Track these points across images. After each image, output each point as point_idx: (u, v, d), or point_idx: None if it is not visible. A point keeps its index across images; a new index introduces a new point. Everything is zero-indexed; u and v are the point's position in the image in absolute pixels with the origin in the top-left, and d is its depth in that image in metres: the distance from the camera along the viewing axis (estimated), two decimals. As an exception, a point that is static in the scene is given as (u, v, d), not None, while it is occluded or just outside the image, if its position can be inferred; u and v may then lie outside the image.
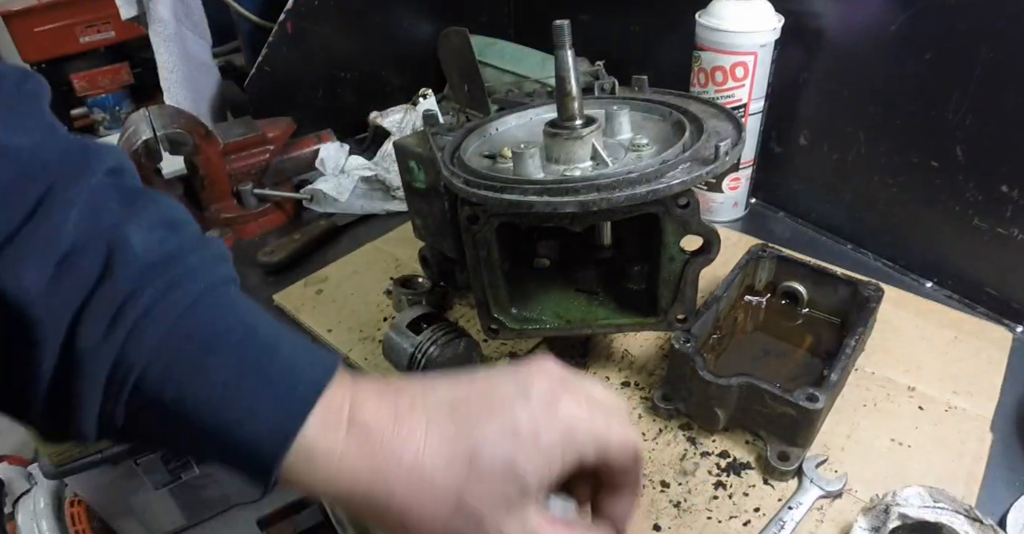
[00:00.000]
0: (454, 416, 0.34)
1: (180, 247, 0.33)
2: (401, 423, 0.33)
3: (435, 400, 0.35)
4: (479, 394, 0.35)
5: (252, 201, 0.96)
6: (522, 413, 0.34)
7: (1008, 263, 0.72)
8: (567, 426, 0.35)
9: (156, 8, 1.01)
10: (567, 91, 0.54)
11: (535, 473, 0.34)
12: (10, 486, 1.45)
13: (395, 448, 0.32)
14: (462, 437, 0.33)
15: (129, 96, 2.46)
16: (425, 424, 0.33)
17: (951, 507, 0.49)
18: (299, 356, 0.34)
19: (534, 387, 0.36)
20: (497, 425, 0.34)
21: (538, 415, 0.34)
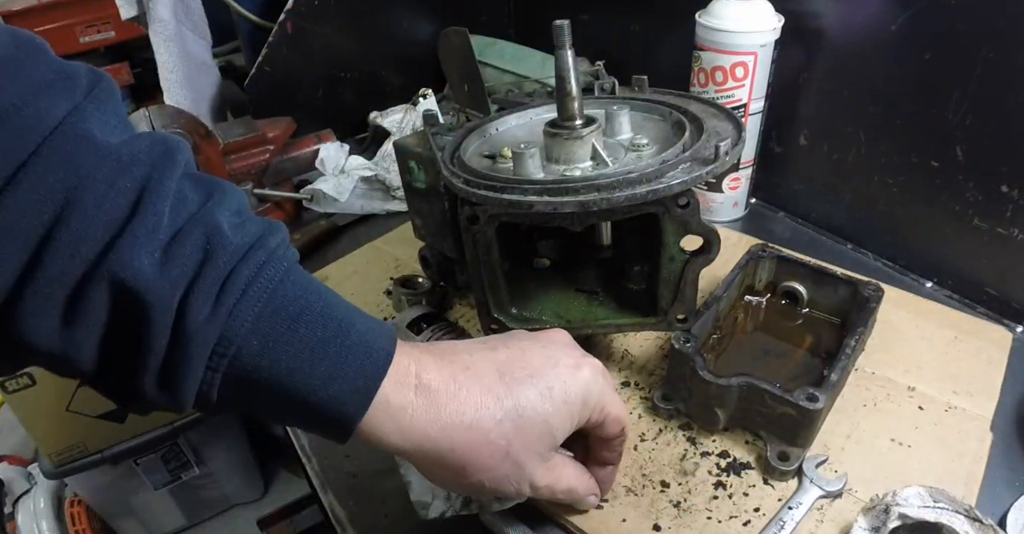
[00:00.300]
0: (503, 379, 0.40)
1: (260, 231, 0.36)
2: (460, 385, 0.39)
3: (484, 366, 0.41)
4: (519, 361, 0.42)
5: (252, 201, 0.96)
6: (555, 379, 0.42)
7: (1008, 263, 0.72)
8: (586, 389, 0.42)
9: (156, 8, 1.01)
10: (567, 91, 0.54)
11: (560, 427, 0.42)
12: (10, 486, 1.45)
13: (457, 407, 0.38)
14: (510, 398, 0.40)
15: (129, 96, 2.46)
16: (479, 387, 0.39)
17: (951, 507, 0.49)
18: (369, 327, 0.38)
19: (561, 355, 0.43)
20: (536, 389, 0.41)
21: (566, 380, 0.42)
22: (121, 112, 0.36)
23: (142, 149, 0.34)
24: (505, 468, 0.40)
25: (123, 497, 1.46)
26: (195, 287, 0.32)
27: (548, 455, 0.42)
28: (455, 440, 0.38)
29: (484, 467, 0.40)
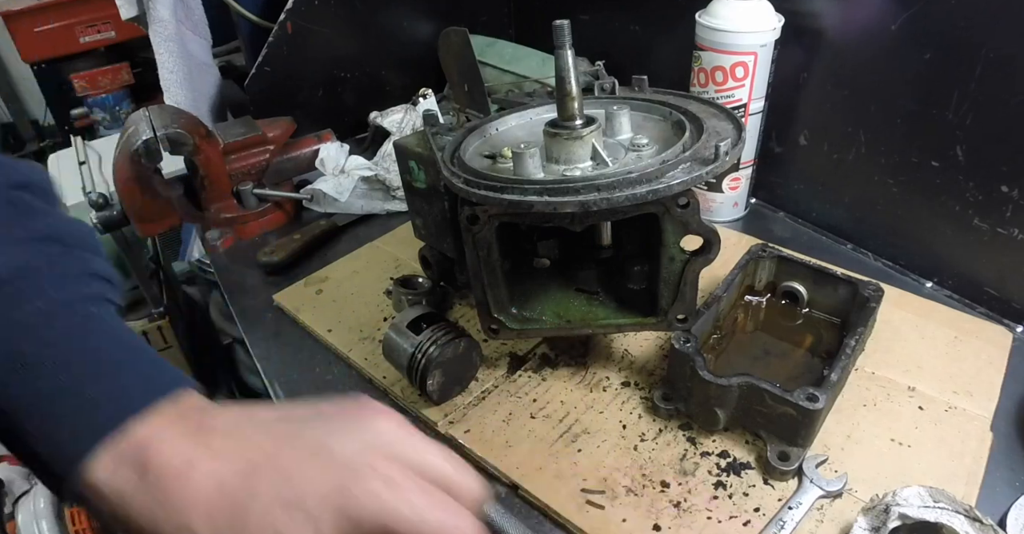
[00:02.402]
0: (250, 476, 0.33)
1: (38, 263, 0.35)
2: (189, 470, 0.32)
3: (240, 452, 0.33)
4: (288, 452, 0.34)
5: (252, 201, 0.96)
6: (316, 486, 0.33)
7: (1008, 263, 0.72)
8: (355, 507, 0.32)
9: (156, 8, 1.01)
10: (567, 91, 0.54)
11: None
12: (10, 486, 1.44)
13: (171, 495, 0.32)
14: (240, 502, 0.32)
15: (129, 96, 2.46)
16: (213, 479, 0.32)
17: (951, 507, 0.49)
18: (111, 390, 0.34)
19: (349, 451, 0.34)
20: (285, 494, 0.32)
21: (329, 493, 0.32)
22: None
23: None
24: None
25: (123, 497, 1.46)
26: None
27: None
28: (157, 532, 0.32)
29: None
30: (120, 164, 0.85)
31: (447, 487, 0.35)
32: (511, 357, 0.71)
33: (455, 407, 0.66)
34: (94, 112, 2.43)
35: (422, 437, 0.37)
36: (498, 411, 0.65)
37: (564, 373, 0.69)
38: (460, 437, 0.62)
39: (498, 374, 0.69)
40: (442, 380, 0.64)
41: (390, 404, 0.68)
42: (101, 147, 1.47)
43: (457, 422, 0.64)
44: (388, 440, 0.35)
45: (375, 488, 0.33)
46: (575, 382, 0.68)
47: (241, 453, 0.33)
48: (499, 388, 0.67)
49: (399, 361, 0.64)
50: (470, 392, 0.67)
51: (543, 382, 0.68)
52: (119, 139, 0.87)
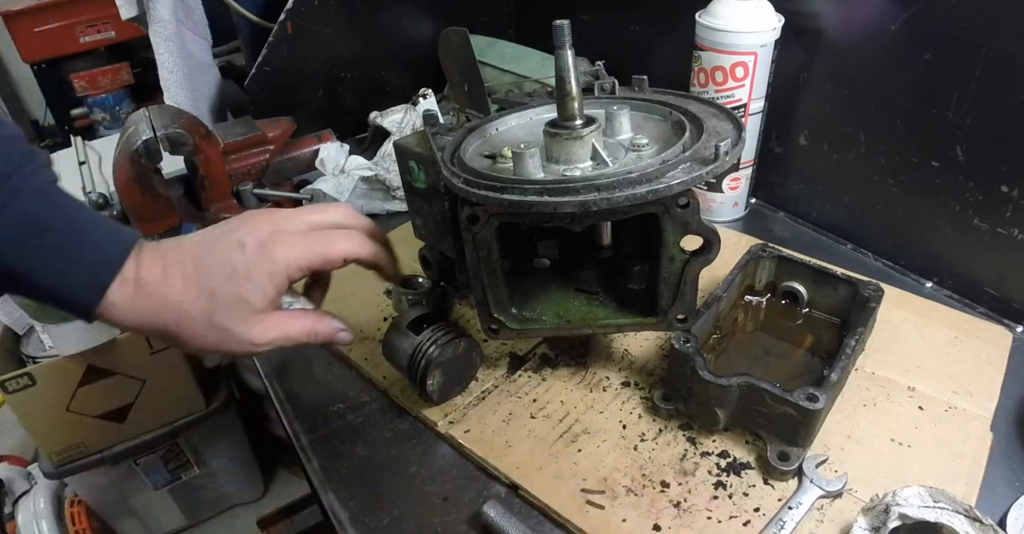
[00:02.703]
0: (198, 269, 0.49)
1: (20, 160, 0.45)
2: (165, 278, 0.48)
3: (187, 260, 0.50)
4: (213, 251, 0.51)
5: (252, 201, 0.96)
6: (239, 260, 0.50)
7: (1008, 263, 0.72)
8: (271, 263, 0.50)
9: (156, 8, 1.01)
10: (567, 91, 0.54)
11: (254, 297, 0.50)
12: (10, 486, 1.45)
13: (164, 294, 0.48)
14: (204, 282, 0.49)
15: (129, 96, 2.46)
16: (181, 276, 0.49)
17: (951, 507, 0.49)
18: (105, 237, 0.48)
19: (247, 237, 0.51)
20: (222, 271, 0.50)
21: (249, 260, 0.50)
22: None
23: None
24: (215, 335, 0.50)
25: (123, 497, 1.46)
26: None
27: (253, 319, 0.51)
28: (167, 319, 0.48)
29: (195, 336, 0.49)
30: (120, 164, 0.85)
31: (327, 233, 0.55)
32: (511, 357, 0.71)
33: (455, 407, 0.66)
34: (94, 112, 2.43)
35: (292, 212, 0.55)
36: (498, 411, 0.65)
37: (564, 373, 0.69)
38: (460, 437, 0.62)
39: (498, 374, 0.69)
40: (442, 380, 0.64)
41: (390, 404, 0.68)
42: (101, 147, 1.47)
43: (457, 422, 0.64)
44: (268, 227, 0.52)
45: (280, 249, 0.51)
46: (575, 382, 0.68)
47: (189, 258, 0.50)
48: (499, 388, 0.67)
49: (399, 361, 0.64)
50: (470, 392, 0.67)
51: (543, 382, 0.68)
52: (119, 139, 0.87)
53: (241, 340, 0.51)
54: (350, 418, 0.67)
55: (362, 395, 0.69)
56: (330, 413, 0.68)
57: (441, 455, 0.63)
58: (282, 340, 0.53)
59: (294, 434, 0.67)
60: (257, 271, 0.50)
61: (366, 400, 0.69)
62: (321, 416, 0.68)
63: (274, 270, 0.51)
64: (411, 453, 0.63)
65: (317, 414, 0.68)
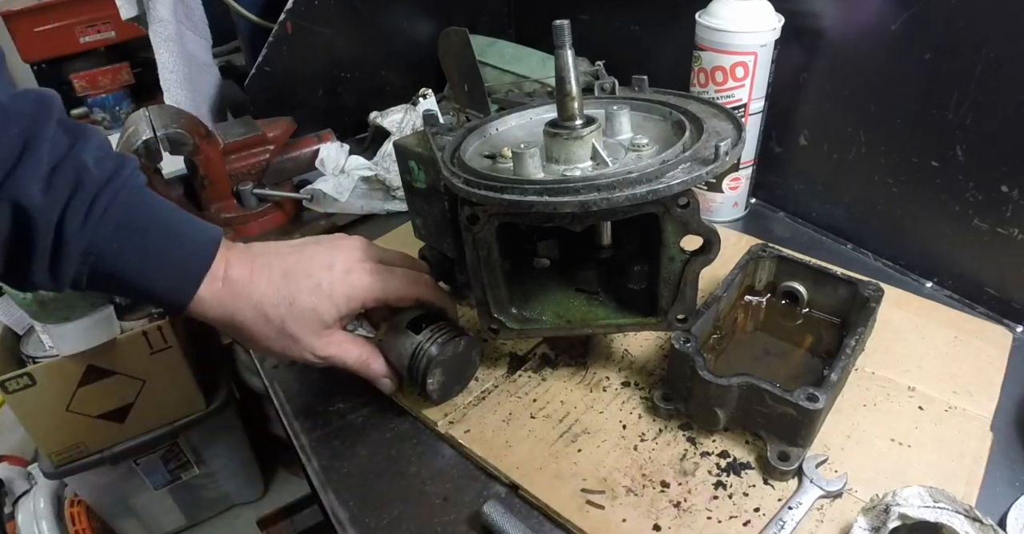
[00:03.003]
0: (286, 277, 0.55)
1: (115, 166, 0.48)
2: (252, 279, 0.53)
3: (275, 265, 0.55)
4: (302, 263, 0.56)
5: (252, 201, 0.96)
6: (325, 278, 0.56)
7: (1008, 263, 0.72)
8: (350, 288, 0.57)
9: (156, 8, 1.01)
10: (567, 91, 0.54)
11: (328, 314, 0.56)
12: (10, 486, 1.45)
13: (248, 293, 0.53)
14: (286, 290, 0.54)
15: (129, 96, 2.46)
16: (267, 281, 0.54)
17: (951, 507, 0.49)
18: (198, 236, 0.52)
19: (337, 260, 0.57)
20: (307, 284, 0.55)
21: (334, 280, 0.56)
22: (5, 74, 0.48)
23: (25, 105, 0.45)
24: (283, 340, 0.55)
25: (123, 497, 1.46)
26: (69, 207, 0.45)
27: (321, 333, 0.56)
28: (245, 317, 0.53)
29: (266, 337, 0.55)
30: (120, 164, 0.85)
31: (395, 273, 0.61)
32: (511, 357, 0.71)
33: (455, 407, 0.66)
34: (94, 112, 2.43)
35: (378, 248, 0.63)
36: (498, 411, 0.65)
37: (564, 373, 0.69)
38: (460, 437, 0.62)
39: (498, 374, 0.69)
40: (442, 379, 0.63)
41: (390, 404, 0.68)
42: (101, 147, 1.47)
43: (457, 422, 0.64)
44: (359, 253, 0.60)
45: (365, 277, 0.58)
46: (575, 382, 0.68)
47: (278, 265, 0.55)
48: (499, 388, 0.67)
49: (398, 361, 0.64)
50: (470, 392, 0.67)
51: (543, 382, 0.68)
52: (119, 139, 0.87)
53: (304, 349, 0.56)
54: (350, 418, 0.67)
55: (362, 395, 0.69)
56: (330, 413, 0.68)
57: (441, 455, 0.63)
58: (338, 359, 0.58)
59: (294, 434, 0.67)
60: (338, 292, 0.56)
61: (366, 400, 0.69)
62: (321, 416, 0.68)
63: (353, 295, 0.56)
64: (411, 453, 0.63)
65: (317, 414, 0.68)
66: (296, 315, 0.54)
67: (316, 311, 0.55)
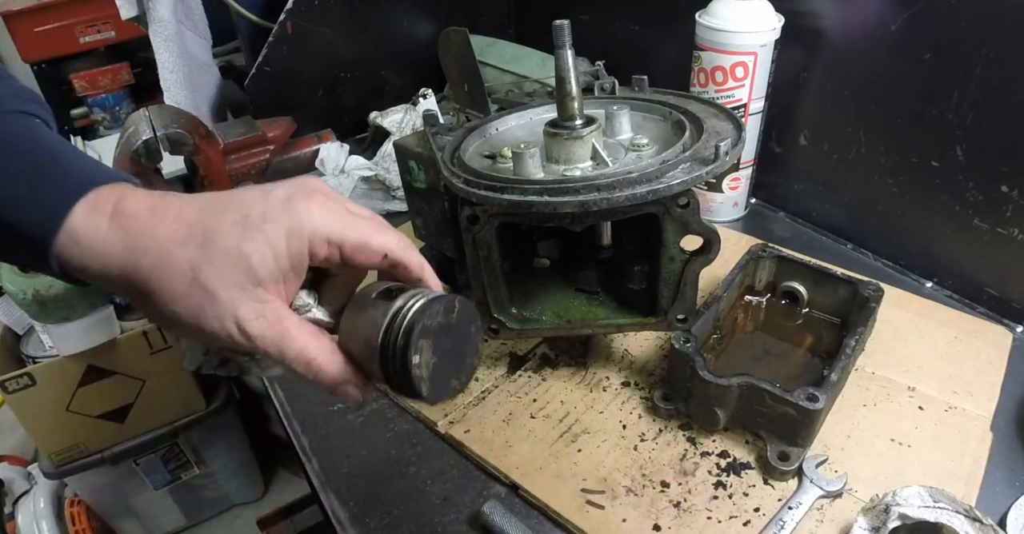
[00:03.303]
0: (201, 209, 0.38)
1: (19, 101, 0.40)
2: (155, 214, 0.38)
3: (192, 200, 0.39)
4: (229, 195, 0.40)
5: (252, 201, 0.96)
6: (256, 207, 0.38)
7: (1008, 263, 0.72)
8: (295, 219, 0.38)
9: (156, 8, 1.01)
10: (567, 91, 0.54)
11: (257, 255, 0.37)
12: (10, 486, 1.45)
13: (145, 229, 0.37)
14: (200, 223, 0.38)
15: (129, 96, 2.46)
16: (175, 216, 0.38)
17: (951, 507, 0.49)
18: (85, 166, 0.39)
19: (277, 188, 0.40)
20: (231, 216, 0.38)
21: (269, 209, 0.38)
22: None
23: None
24: (195, 296, 0.37)
25: (123, 497, 1.46)
26: None
27: (251, 292, 0.38)
28: (140, 262, 0.37)
29: (172, 293, 0.37)
30: (120, 164, 0.85)
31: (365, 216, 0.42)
32: (511, 357, 0.71)
33: (455, 407, 0.66)
34: (94, 112, 2.43)
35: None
36: (498, 411, 0.65)
37: (564, 373, 0.69)
38: (460, 437, 0.62)
39: (498, 374, 0.69)
40: (432, 359, 0.40)
41: (390, 404, 0.68)
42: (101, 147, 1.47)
43: (457, 422, 0.64)
44: (315, 187, 0.41)
45: (314, 207, 0.39)
46: (575, 382, 0.68)
47: (195, 201, 0.39)
48: (499, 388, 0.67)
49: (367, 349, 0.41)
50: (470, 392, 0.67)
51: (543, 382, 0.68)
52: (119, 139, 0.87)
53: (223, 314, 0.38)
54: (350, 418, 0.67)
55: (362, 395, 0.69)
56: (330, 413, 0.68)
57: (441, 455, 0.63)
58: (272, 345, 0.39)
59: (294, 434, 0.67)
60: (274, 224, 0.38)
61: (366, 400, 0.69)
62: (321, 416, 0.68)
63: (296, 229, 0.38)
64: (411, 453, 0.63)
65: (317, 414, 0.68)
66: (213, 258, 0.37)
67: (241, 252, 0.37)
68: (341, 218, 0.40)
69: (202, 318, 0.38)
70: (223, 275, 0.37)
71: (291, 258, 0.38)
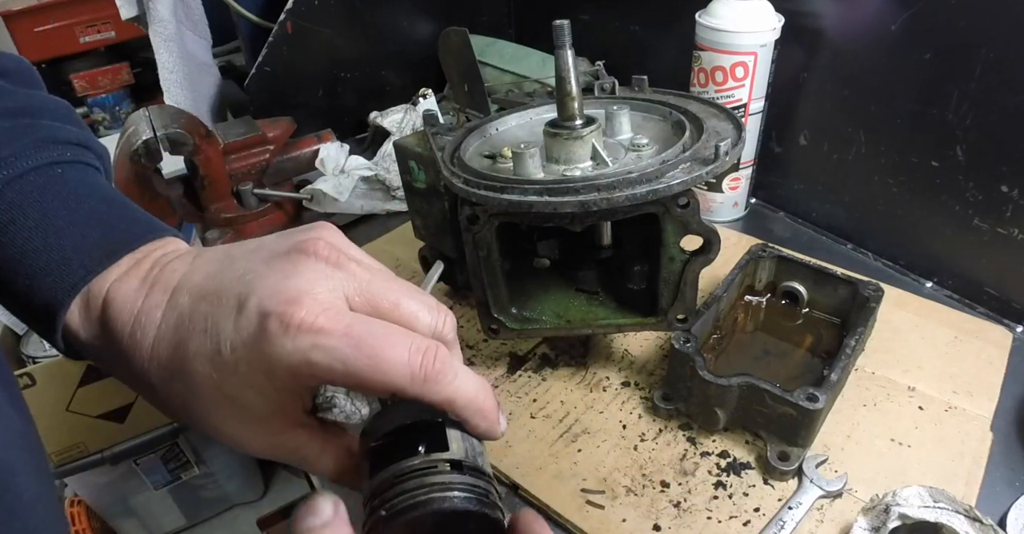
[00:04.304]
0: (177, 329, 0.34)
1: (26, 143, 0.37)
2: (134, 333, 0.34)
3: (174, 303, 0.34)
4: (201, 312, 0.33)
5: (252, 201, 0.96)
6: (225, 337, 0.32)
7: (1008, 263, 0.72)
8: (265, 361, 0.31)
9: (156, 8, 1.01)
10: (567, 91, 0.54)
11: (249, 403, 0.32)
12: (10, 486, 1.44)
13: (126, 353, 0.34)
14: (175, 359, 0.33)
15: (129, 96, 2.46)
16: (151, 342, 0.34)
17: (951, 507, 0.49)
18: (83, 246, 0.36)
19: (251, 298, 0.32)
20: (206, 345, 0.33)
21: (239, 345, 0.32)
22: None
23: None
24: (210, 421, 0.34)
25: (123, 497, 1.46)
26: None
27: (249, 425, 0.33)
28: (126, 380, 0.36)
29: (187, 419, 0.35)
30: (120, 164, 0.85)
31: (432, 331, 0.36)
32: (511, 357, 0.71)
33: (455, 407, 0.65)
34: (94, 112, 2.43)
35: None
36: (498, 411, 0.65)
37: (564, 373, 0.69)
38: (460, 437, 0.62)
39: (498, 374, 0.69)
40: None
41: (390, 404, 0.68)
42: (101, 147, 1.47)
43: (457, 422, 0.64)
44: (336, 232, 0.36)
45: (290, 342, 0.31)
46: (575, 382, 0.68)
47: (175, 309, 0.34)
48: (499, 388, 0.67)
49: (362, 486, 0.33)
50: (470, 392, 0.67)
51: (543, 382, 0.68)
52: (119, 139, 0.87)
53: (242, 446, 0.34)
54: (350, 418, 0.67)
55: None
56: (330, 413, 0.68)
57: (441, 455, 0.63)
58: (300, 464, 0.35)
59: (294, 434, 0.67)
60: (246, 365, 0.31)
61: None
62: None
63: (270, 371, 0.31)
64: (411, 453, 0.63)
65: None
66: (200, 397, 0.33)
67: (225, 394, 0.32)
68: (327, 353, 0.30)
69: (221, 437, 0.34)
70: (217, 414, 0.33)
71: (283, 397, 0.33)
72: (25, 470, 0.32)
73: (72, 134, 0.40)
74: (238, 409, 0.33)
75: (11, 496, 0.30)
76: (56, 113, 0.41)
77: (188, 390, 0.33)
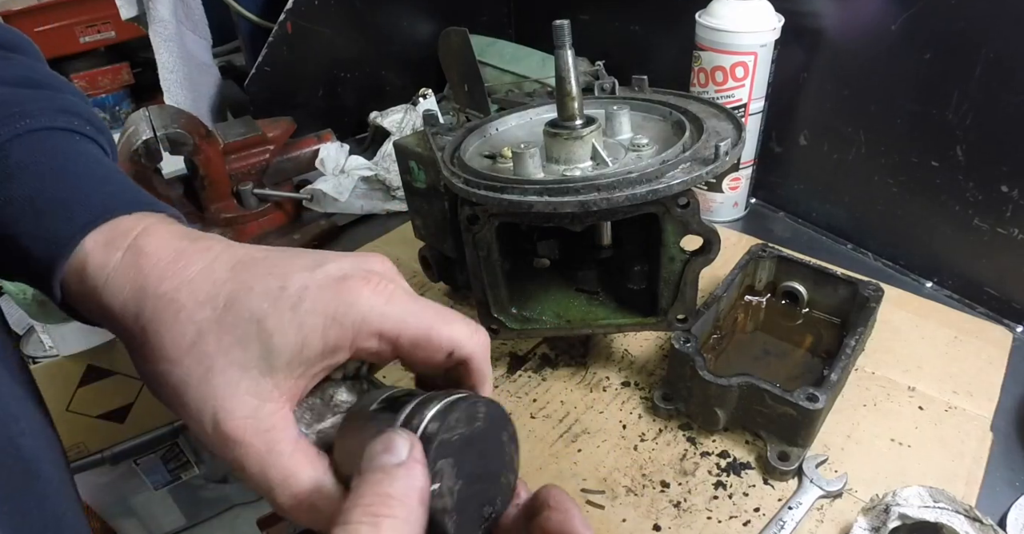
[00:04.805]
0: (234, 267, 0.32)
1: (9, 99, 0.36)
2: (180, 258, 0.32)
3: (231, 250, 0.33)
4: (274, 256, 0.33)
5: (252, 201, 0.96)
6: (297, 279, 0.31)
7: (1008, 263, 0.72)
8: (342, 303, 0.31)
9: (156, 8, 1.01)
10: (567, 91, 0.54)
11: (283, 344, 0.30)
12: (10, 486, 1.44)
13: (163, 274, 0.32)
14: (226, 284, 0.31)
15: (129, 96, 2.46)
16: (204, 265, 0.32)
17: (951, 507, 0.49)
18: (107, 192, 0.35)
19: (330, 262, 0.33)
20: (266, 282, 0.31)
21: (313, 285, 0.31)
22: None
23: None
24: (186, 365, 0.30)
25: (123, 497, 1.46)
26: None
27: (254, 375, 0.30)
28: (144, 309, 0.31)
29: (163, 352, 0.31)
30: (120, 164, 0.85)
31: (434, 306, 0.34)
32: (511, 357, 0.71)
33: (455, 407, 0.65)
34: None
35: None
36: (498, 411, 0.65)
37: (564, 373, 0.69)
38: (460, 437, 0.62)
39: (498, 374, 0.69)
40: (456, 484, 0.29)
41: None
42: (101, 147, 1.47)
43: (457, 422, 0.64)
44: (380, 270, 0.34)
45: (367, 292, 0.31)
46: (575, 382, 0.68)
47: (232, 253, 0.33)
48: (499, 388, 0.67)
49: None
50: (470, 392, 0.67)
51: (543, 382, 0.68)
52: (119, 139, 0.87)
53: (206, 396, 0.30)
54: (350, 418, 0.67)
55: (362, 395, 0.69)
56: (330, 413, 0.68)
57: (441, 455, 0.63)
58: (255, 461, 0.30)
59: (294, 434, 0.67)
60: (313, 303, 0.31)
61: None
62: (321, 416, 0.67)
63: (341, 316, 0.31)
64: (411, 453, 0.63)
65: (317, 414, 0.68)
66: (225, 325, 0.30)
67: (263, 328, 0.30)
68: (402, 306, 0.32)
69: (185, 394, 0.31)
70: (229, 350, 0.30)
71: (324, 350, 0.31)
72: (50, 459, 0.32)
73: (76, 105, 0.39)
74: (259, 351, 0.30)
75: (41, 483, 0.30)
76: (61, 85, 0.41)
77: (218, 317, 0.31)
